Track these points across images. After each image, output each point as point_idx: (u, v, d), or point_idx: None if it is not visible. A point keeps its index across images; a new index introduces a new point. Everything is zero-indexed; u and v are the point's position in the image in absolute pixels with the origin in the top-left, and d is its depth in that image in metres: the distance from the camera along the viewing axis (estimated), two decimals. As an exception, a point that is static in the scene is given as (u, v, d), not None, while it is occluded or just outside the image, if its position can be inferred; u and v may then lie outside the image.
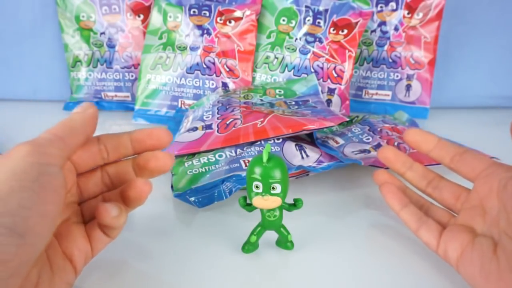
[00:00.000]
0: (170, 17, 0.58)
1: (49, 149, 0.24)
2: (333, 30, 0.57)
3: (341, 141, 0.47)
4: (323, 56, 0.57)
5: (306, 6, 0.58)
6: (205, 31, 0.58)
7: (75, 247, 0.27)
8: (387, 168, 0.38)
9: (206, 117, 0.48)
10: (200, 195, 0.39)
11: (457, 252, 0.30)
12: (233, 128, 0.44)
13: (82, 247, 0.28)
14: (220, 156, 0.43)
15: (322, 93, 0.55)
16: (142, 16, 0.60)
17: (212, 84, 0.58)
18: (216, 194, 0.39)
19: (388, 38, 0.59)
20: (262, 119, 0.44)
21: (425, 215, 0.33)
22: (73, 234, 0.28)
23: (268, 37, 0.58)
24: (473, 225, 0.31)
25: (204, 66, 0.57)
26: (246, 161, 0.41)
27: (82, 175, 0.30)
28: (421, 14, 0.58)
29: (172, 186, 0.41)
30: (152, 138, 0.30)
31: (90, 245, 0.29)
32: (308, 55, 0.57)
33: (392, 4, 0.59)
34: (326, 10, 0.57)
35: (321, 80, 0.56)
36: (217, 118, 0.47)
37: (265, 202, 0.30)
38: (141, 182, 0.29)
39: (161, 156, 0.30)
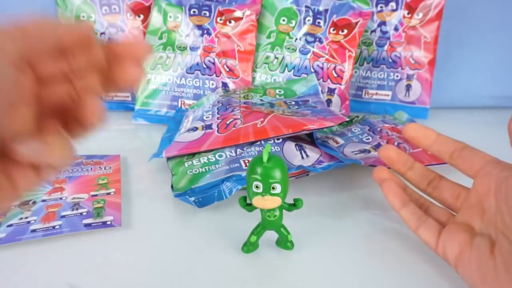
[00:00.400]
0: (170, 17, 0.58)
1: (8, 46, 0.19)
2: (333, 30, 0.57)
3: (341, 141, 0.47)
4: (323, 56, 0.57)
5: (306, 6, 0.58)
6: (205, 31, 0.58)
7: None
8: (388, 168, 0.38)
9: (206, 117, 0.48)
10: (200, 195, 0.39)
11: (456, 252, 0.30)
12: (233, 128, 0.44)
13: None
14: (220, 156, 0.43)
15: (322, 93, 0.55)
16: (142, 16, 0.60)
17: (212, 84, 0.58)
18: (216, 194, 0.39)
19: (388, 38, 0.59)
20: (262, 119, 0.44)
21: (424, 214, 0.33)
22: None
23: (268, 37, 0.58)
24: (471, 223, 0.31)
25: (204, 66, 0.57)
26: (246, 161, 0.41)
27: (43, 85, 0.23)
28: (421, 14, 0.58)
29: (172, 186, 0.41)
30: (129, 52, 0.24)
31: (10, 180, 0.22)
32: (308, 55, 0.57)
33: (392, 4, 0.59)
34: (326, 10, 0.57)
35: (321, 80, 0.56)
36: (217, 118, 0.47)
37: (265, 202, 0.30)
38: (93, 104, 0.23)
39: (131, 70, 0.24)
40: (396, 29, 0.59)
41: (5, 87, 0.18)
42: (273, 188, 0.29)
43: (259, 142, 0.43)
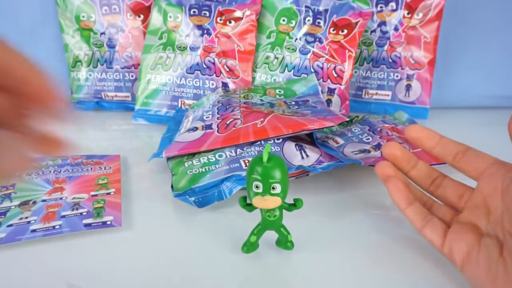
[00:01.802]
0: (170, 17, 0.58)
1: None
2: (333, 30, 0.57)
3: (341, 141, 0.47)
4: (323, 56, 0.57)
5: (306, 6, 0.58)
6: (205, 31, 0.58)
7: None
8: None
9: (206, 117, 0.48)
10: (200, 195, 0.39)
11: (463, 253, 0.29)
12: (233, 128, 0.44)
13: None
14: (220, 156, 0.43)
15: (322, 93, 0.56)
16: (142, 16, 0.60)
17: (212, 84, 0.58)
18: (216, 194, 0.39)
19: (388, 38, 0.59)
20: (262, 119, 0.44)
21: (429, 213, 0.33)
22: None
23: (268, 37, 0.58)
24: (477, 223, 0.31)
25: (204, 66, 0.57)
26: (246, 161, 0.41)
27: None
28: (421, 14, 0.58)
29: (172, 186, 0.41)
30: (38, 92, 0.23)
31: None
32: (308, 55, 0.57)
33: (392, 4, 0.59)
34: (326, 10, 0.57)
35: (321, 80, 0.56)
36: (217, 118, 0.47)
37: (265, 202, 0.30)
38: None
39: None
40: (396, 29, 0.59)
41: None
42: (273, 188, 0.29)
43: (259, 142, 0.43)
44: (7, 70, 0.21)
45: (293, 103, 0.51)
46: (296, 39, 0.58)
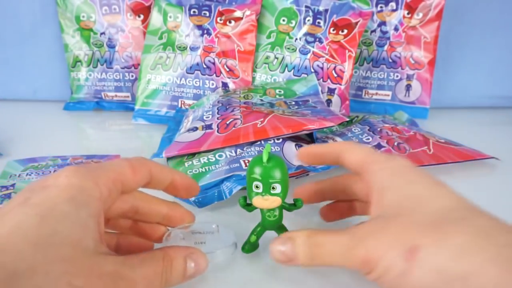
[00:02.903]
0: (170, 17, 0.58)
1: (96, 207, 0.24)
2: (333, 30, 0.57)
3: (341, 141, 0.47)
4: (323, 56, 0.57)
5: (306, 6, 0.58)
6: (205, 31, 0.58)
7: None
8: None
9: (206, 117, 0.48)
10: (200, 195, 0.39)
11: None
12: (233, 128, 0.44)
13: None
14: (220, 156, 0.43)
15: (322, 93, 0.56)
16: (142, 16, 0.60)
17: (212, 84, 0.58)
18: (216, 194, 0.39)
19: (388, 38, 0.60)
20: (262, 119, 0.44)
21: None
22: None
23: (268, 37, 0.59)
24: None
25: (204, 66, 0.57)
26: (246, 161, 0.41)
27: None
28: (421, 14, 0.58)
29: (172, 186, 0.41)
30: (187, 191, 0.31)
31: None
32: (308, 55, 0.57)
33: (392, 4, 0.59)
34: (326, 10, 0.57)
35: (321, 80, 0.56)
36: (217, 118, 0.47)
37: (265, 202, 0.30)
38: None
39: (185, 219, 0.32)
40: (396, 29, 0.59)
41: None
42: (273, 188, 0.29)
43: (259, 142, 0.43)
44: (159, 179, 0.30)
45: (293, 103, 0.51)
46: (296, 39, 0.58)
